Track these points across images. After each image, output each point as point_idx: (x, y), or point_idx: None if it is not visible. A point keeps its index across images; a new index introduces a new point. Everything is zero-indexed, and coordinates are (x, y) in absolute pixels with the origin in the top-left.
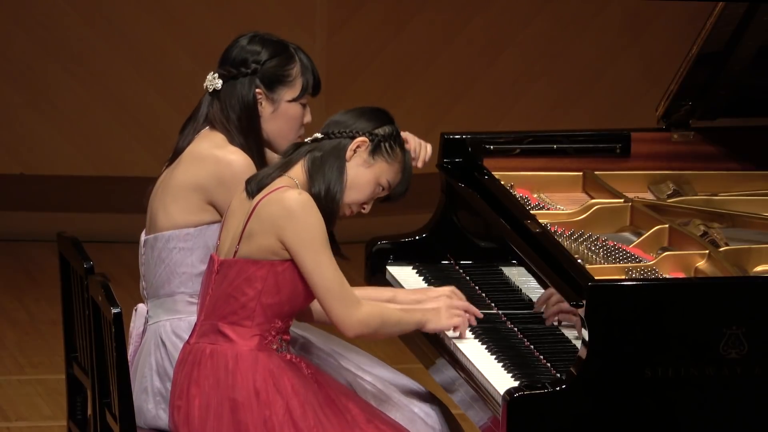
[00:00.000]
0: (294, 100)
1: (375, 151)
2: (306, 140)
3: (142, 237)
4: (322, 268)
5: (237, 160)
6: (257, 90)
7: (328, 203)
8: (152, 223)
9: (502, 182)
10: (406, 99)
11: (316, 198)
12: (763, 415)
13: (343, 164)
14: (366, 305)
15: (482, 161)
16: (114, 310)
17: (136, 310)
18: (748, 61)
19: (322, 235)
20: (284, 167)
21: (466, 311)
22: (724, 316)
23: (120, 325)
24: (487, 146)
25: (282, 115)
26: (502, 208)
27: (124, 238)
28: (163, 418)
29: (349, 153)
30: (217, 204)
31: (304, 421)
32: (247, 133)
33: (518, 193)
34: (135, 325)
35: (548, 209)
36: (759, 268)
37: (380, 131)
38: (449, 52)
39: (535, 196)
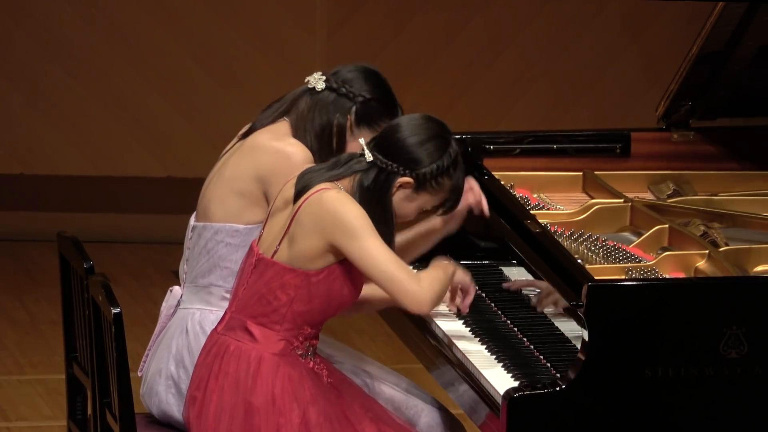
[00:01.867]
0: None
1: (419, 188)
2: (362, 147)
3: (192, 221)
4: (373, 254)
5: (296, 153)
6: (348, 117)
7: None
8: (204, 211)
9: (502, 182)
10: (406, 99)
11: None
12: (763, 415)
13: (389, 200)
14: (423, 276)
15: (482, 161)
16: (114, 310)
17: (171, 290)
18: (748, 61)
19: (366, 223)
20: (334, 177)
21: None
22: (724, 316)
23: (120, 325)
24: (487, 146)
25: (349, 147)
26: (502, 208)
27: (124, 238)
28: (171, 403)
29: (393, 189)
30: (271, 196)
31: (318, 431)
32: (321, 146)
33: (518, 193)
34: (166, 305)
35: (548, 209)
36: (759, 268)
37: (428, 170)
38: (449, 52)
39: (535, 196)
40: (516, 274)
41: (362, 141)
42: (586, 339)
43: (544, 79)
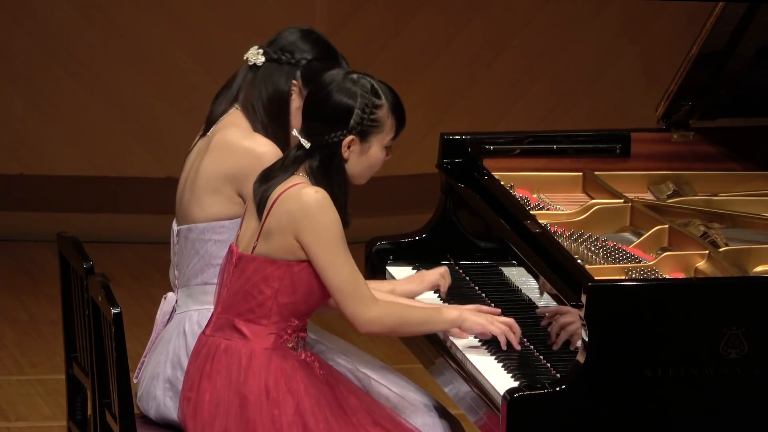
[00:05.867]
0: None
1: (364, 136)
2: (298, 141)
3: (174, 227)
4: (337, 266)
5: (267, 153)
6: (293, 81)
7: (337, 208)
8: (185, 214)
9: (502, 182)
10: (406, 99)
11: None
12: (763, 415)
13: (342, 170)
14: (382, 305)
15: (482, 161)
16: (114, 310)
17: (165, 298)
18: (748, 61)
19: (338, 233)
20: (287, 177)
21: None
22: (724, 316)
23: (120, 325)
24: (487, 146)
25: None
26: (502, 208)
27: (124, 238)
28: (169, 406)
29: (344, 155)
30: (245, 196)
31: (314, 423)
32: (273, 118)
33: (518, 193)
34: (161, 312)
35: (548, 209)
36: (759, 268)
37: (357, 117)
38: (449, 52)
39: (535, 196)
40: (516, 274)
41: (295, 132)
42: (586, 339)
43: (544, 79)
